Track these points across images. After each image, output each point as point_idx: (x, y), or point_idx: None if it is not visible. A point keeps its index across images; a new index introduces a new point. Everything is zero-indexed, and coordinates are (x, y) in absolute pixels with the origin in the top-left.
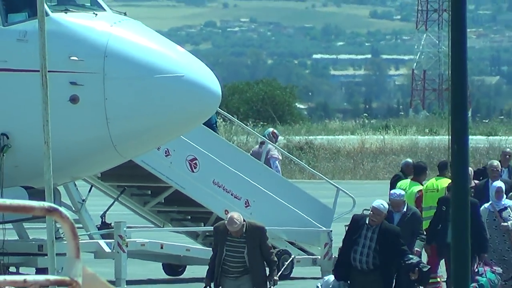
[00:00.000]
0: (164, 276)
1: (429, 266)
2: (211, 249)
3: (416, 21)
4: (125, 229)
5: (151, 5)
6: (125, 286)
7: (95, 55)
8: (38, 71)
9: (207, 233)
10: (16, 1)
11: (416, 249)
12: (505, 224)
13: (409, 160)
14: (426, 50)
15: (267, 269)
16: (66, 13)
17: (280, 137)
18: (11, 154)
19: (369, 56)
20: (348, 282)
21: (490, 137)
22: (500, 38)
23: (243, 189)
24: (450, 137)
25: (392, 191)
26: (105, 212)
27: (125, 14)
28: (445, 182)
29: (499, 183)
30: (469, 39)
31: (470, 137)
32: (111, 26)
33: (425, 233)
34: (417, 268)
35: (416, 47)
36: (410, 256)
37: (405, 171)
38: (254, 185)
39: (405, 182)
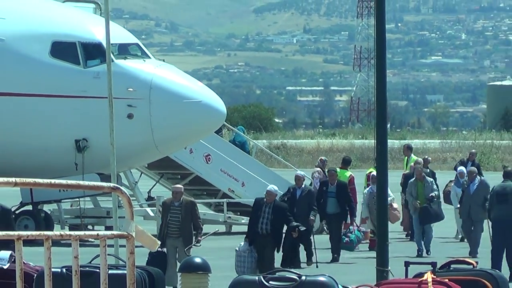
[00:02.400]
0: None
1: (305, 227)
2: (220, 214)
3: (353, 65)
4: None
5: (180, 54)
6: None
7: (144, 87)
8: (107, 97)
9: (216, 204)
10: (92, 52)
11: (311, 217)
12: None
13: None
14: (360, 84)
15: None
16: (125, 59)
17: (265, 141)
18: (89, 152)
19: (322, 88)
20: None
21: (401, 141)
22: (408, 76)
23: (240, 174)
24: (375, 141)
25: (297, 171)
26: (150, 190)
27: (163, 60)
28: (348, 172)
29: (373, 172)
30: (388, 77)
31: (388, 140)
32: (154, 68)
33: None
34: (296, 229)
35: (353, 82)
36: (293, 222)
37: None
38: (247, 172)
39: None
